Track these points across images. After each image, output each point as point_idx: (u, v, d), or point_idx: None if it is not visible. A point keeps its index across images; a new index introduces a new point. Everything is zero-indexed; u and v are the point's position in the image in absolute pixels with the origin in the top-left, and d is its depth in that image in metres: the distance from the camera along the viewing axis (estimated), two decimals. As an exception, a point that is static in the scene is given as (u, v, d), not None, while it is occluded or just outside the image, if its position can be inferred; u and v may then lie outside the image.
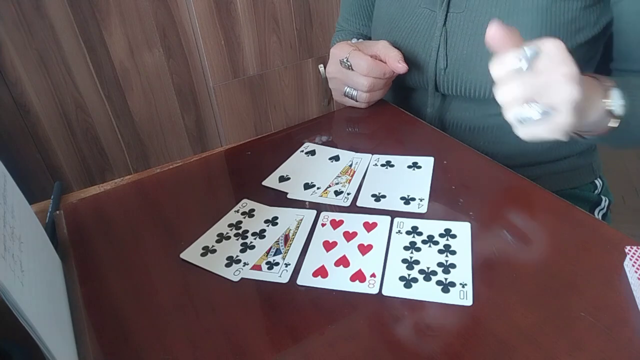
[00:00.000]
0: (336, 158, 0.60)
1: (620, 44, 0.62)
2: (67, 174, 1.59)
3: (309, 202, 0.53)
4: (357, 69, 0.66)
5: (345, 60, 0.67)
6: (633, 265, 0.41)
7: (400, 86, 0.78)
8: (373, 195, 0.53)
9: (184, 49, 1.59)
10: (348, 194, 0.54)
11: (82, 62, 1.48)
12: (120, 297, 0.45)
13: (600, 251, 0.44)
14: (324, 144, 0.63)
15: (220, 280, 0.45)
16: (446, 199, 0.52)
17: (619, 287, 0.40)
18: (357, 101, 0.69)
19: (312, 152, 0.62)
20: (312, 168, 0.59)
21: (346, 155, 0.60)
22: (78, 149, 1.57)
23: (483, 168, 0.57)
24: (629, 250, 0.42)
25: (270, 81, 1.71)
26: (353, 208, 0.52)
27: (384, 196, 0.53)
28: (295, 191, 0.55)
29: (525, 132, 0.47)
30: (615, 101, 0.52)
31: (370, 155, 0.60)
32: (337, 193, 0.54)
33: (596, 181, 0.77)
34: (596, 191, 0.76)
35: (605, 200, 0.77)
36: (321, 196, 0.54)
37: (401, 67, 0.65)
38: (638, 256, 0.41)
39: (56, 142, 1.53)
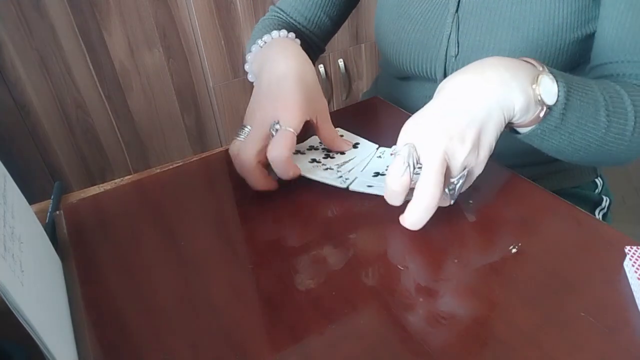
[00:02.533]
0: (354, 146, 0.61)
1: (597, 36, 0.60)
2: (67, 174, 1.59)
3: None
4: (271, 148, 0.52)
5: (273, 126, 0.52)
6: (633, 265, 0.41)
7: (402, 79, 0.77)
8: (369, 186, 0.54)
9: (184, 49, 1.59)
10: (346, 178, 0.55)
11: (82, 62, 1.48)
12: (120, 297, 0.45)
13: (600, 251, 0.44)
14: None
15: (220, 281, 0.45)
16: (446, 199, 0.52)
17: (619, 287, 0.40)
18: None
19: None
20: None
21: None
22: (78, 149, 1.57)
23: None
24: (629, 250, 0.42)
25: (270, 81, 1.71)
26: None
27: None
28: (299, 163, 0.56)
29: (462, 189, 0.47)
30: (545, 87, 0.47)
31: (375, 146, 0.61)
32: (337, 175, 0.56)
33: (597, 180, 0.77)
34: (597, 190, 0.76)
35: (606, 200, 0.77)
36: (322, 170, 0.56)
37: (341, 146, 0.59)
38: (638, 256, 0.41)
39: (56, 142, 1.53)
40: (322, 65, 1.75)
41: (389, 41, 0.73)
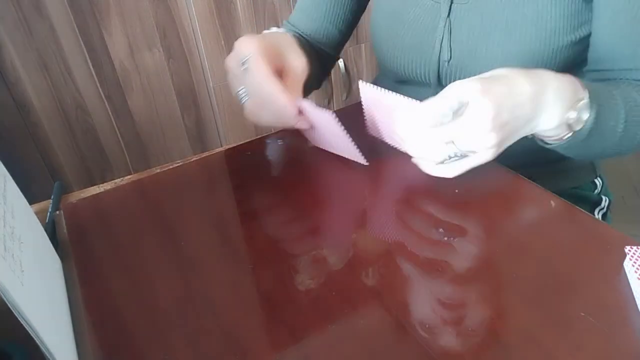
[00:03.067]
0: None
1: (595, 42, 0.61)
2: (67, 174, 1.59)
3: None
4: (251, 80, 0.55)
5: (244, 61, 0.55)
6: (633, 265, 0.41)
7: (399, 82, 0.77)
8: None
9: (184, 49, 1.59)
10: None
11: (82, 62, 1.48)
12: (120, 297, 0.45)
13: (600, 251, 0.44)
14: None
15: (220, 281, 0.45)
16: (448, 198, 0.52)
17: (619, 287, 0.40)
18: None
19: None
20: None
21: None
22: (78, 149, 1.57)
23: (483, 168, 0.57)
24: (629, 250, 0.42)
25: (270, 81, 1.71)
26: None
27: None
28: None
29: (448, 170, 0.49)
30: (579, 115, 0.50)
31: None
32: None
33: (596, 180, 0.77)
34: (596, 190, 0.76)
35: (606, 200, 0.77)
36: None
37: (297, 112, 0.55)
38: (638, 256, 0.41)
39: (56, 142, 1.53)
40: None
41: (385, 47, 0.73)
